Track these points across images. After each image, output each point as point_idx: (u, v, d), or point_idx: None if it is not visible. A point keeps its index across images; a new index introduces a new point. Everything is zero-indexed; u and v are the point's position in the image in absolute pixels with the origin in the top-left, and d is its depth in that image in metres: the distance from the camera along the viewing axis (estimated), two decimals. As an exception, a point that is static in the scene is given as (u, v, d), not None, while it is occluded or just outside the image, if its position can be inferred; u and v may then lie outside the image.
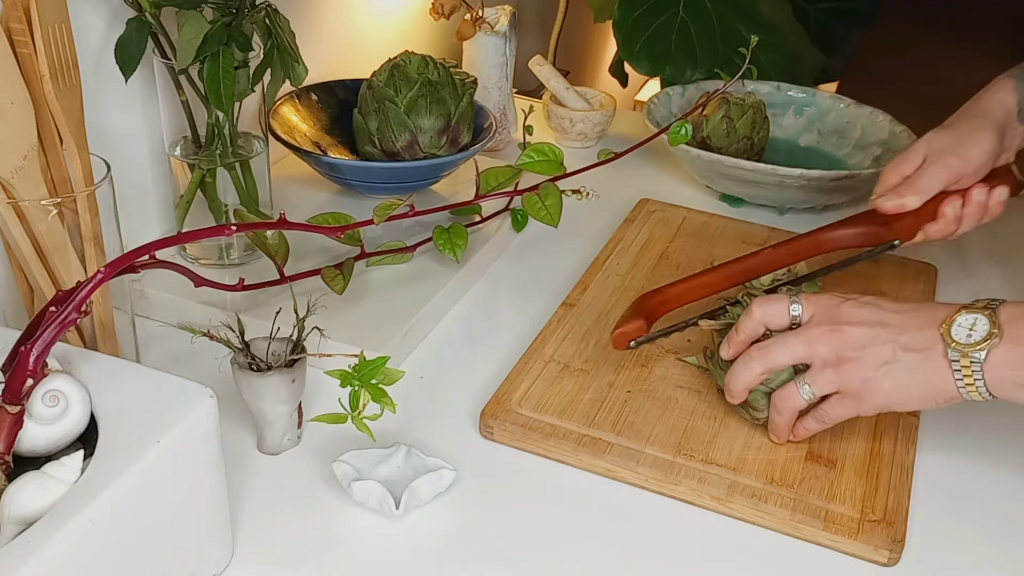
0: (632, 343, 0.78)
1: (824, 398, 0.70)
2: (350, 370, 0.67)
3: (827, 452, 0.73)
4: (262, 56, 0.84)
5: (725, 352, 0.74)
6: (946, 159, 0.81)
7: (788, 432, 0.72)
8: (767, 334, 0.72)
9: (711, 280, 0.82)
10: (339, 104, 1.08)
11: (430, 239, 0.92)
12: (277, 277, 0.82)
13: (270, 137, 0.95)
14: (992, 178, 0.83)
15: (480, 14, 1.17)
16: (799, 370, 0.71)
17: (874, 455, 0.74)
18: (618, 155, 0.94)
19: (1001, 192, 0.83)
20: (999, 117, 0.83)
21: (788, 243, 0.84)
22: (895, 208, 0.81)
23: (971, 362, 0.64)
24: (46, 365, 0.55)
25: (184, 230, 0.89)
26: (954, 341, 0.65)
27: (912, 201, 0.81)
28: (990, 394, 0.65)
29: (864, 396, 0.69)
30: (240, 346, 0.70)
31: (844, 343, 0.68)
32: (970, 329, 0.65)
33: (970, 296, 0.68)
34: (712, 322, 0.78)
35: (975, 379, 0.64)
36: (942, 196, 0.82)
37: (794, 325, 0.71)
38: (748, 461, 0.72)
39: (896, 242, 0.83)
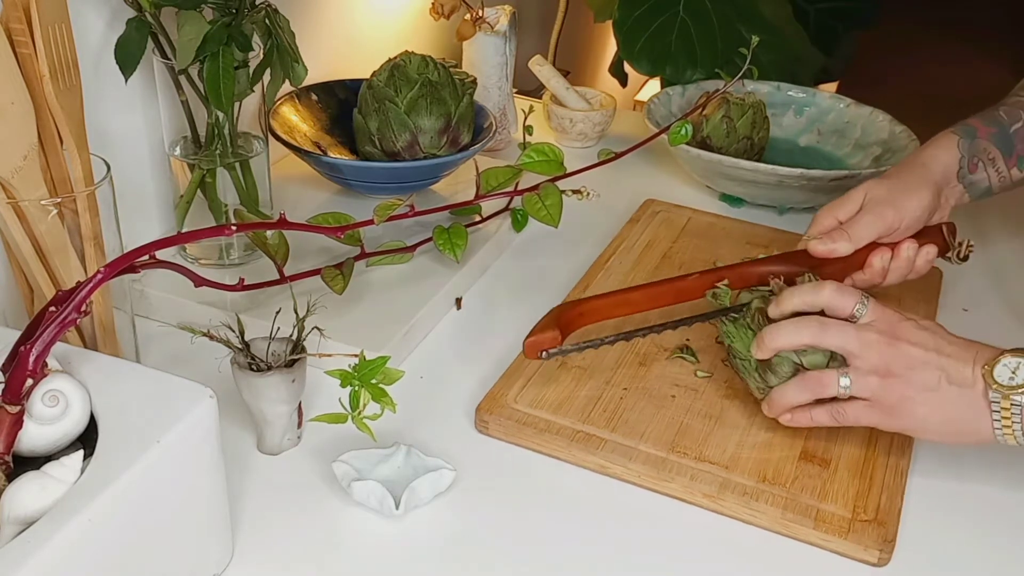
0: (543, 353, 0.76)
1: (851, 398, 0.70)
2: (350, 370, 0.67)
3: (821, 452, 0.73)
4: (262, 56, 0.84)
5: (774, 311, 0.72)
6: (882, 210, 0.82)
7: (786, 409, 0.72)
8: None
9: (635, 299, 0.82)
10: (339, 104, 1.08)
11: (430, 239, 0.92)
12: (277, 277, 0.82)
13: (270, 137, 0.95)
14: (923, 236, 0.84)
15: (480, 14, 1.17)
16: (834, 359, 0.70)
17: (869, 456, 0.74)
18: (618, 155, 0.94)
19: (929, 251, 0.84)
20: (938, 175, 0.84)
21: (716, 271, 0.84)
22: (826, 252, 0.81)
23: (1011, 404, 0.64)
24: (46, 365, 0.55)
25: (184, 230, 0.89)
26: (996, 382, 0.65)
27: (843, 248, 0.81)
28: None
29: (895, 414, 0.68)
30: (240, 346, 0.70)
31: (895, 358, 0.68)
32: (1012, 372, 0.64)
33: (970, 303, 0.68)
34: (754, 292, 0.78)
35: (1013, 422, 0.64)
36: (872, 246, 0.83)
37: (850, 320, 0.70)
38: (741, 460, 0.72)
39: None
